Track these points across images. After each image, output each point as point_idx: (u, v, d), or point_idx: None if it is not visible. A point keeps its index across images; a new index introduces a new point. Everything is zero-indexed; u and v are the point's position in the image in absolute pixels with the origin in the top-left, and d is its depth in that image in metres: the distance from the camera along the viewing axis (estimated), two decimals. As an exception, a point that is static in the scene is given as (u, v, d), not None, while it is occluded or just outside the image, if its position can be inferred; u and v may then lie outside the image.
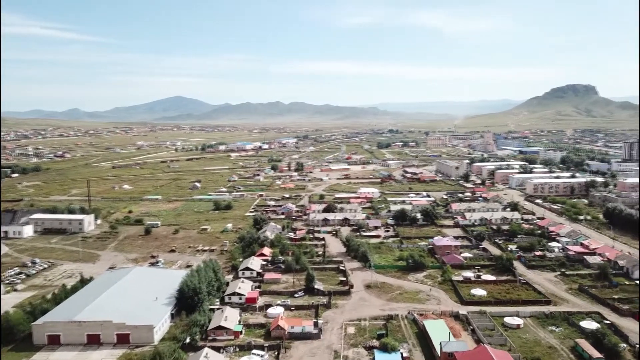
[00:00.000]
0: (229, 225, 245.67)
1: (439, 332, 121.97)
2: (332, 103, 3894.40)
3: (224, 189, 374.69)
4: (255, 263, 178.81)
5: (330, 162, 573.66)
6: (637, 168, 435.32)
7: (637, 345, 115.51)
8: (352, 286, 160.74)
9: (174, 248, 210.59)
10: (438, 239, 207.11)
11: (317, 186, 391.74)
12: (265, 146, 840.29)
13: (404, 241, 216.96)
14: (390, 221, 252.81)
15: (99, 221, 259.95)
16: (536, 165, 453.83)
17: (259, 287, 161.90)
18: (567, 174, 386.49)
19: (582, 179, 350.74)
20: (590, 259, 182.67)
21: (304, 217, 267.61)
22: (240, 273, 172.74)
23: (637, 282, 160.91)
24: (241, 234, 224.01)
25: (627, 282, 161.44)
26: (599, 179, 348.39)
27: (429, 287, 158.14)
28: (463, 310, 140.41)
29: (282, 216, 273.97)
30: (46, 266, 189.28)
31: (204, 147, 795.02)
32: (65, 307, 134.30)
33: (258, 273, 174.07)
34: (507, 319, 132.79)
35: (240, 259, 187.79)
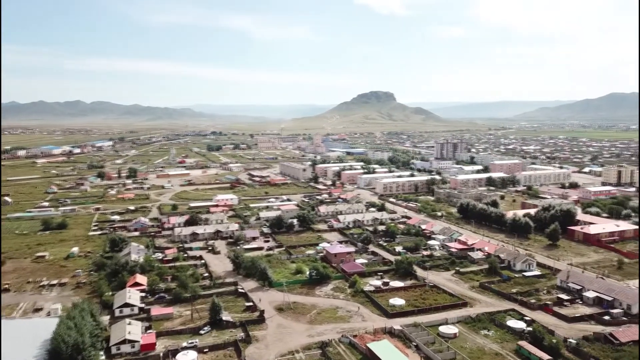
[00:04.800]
0: (75, 250, 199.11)
1: (389, 355, 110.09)
2: (143, 103, 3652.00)
3: (46, 204, 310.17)
4: (134, 296, 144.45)
5: (164, 167, 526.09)
6: (468, 167, 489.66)
7: (567, 339, 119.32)
8: (263, 312, 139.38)
9: (6, 286, 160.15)
10: (330, 246, 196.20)
11: (161, 195, 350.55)
12: (77, 150, 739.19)
13: (291, 251, 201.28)
14: (266, 230, 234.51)
15: None
16: (375, 166, 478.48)
17: (149, 327, 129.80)
18: (407, 173, 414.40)
19: (423, 177, 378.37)
20: (473, 255, 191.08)
21: (166, 233, 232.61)
22: (117, 311, 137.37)
23: (524, 274, 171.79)
24: (96, 260, 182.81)
25: (516, 275, 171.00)
26: (438, 177, 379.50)
27: (356, 306, 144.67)
28: (392, 324, 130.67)
29: (136, 233, 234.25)
30: None
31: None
32: None
33: (141, 309, 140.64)
34: (443, 329, 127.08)
35: (110, 293, 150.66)
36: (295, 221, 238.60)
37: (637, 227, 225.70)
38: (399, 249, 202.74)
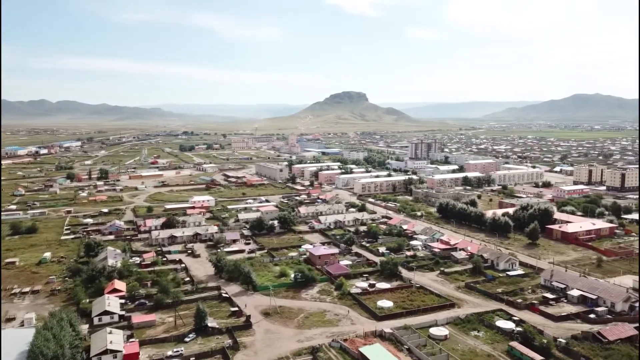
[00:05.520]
0: (47, 255, 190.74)
1: (382, 359, 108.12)
2: (111, 103, 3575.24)
3: (14, 207, 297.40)
4: (113, 303, 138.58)
5: (136, 168, 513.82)
6: (429, 166, 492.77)
7: (557, 339, 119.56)
8: (249, 317, 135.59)
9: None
10: (313, 248, 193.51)
11: (134, 197, 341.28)
12: (44, 151, 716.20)
13: (273, 253, 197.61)
14: (246, 232, 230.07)
15: None
16: (352, 166, 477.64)
17: (131, 336, 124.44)
18: (385, 173, 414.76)
19: (401, 177, 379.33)
20: (457, 255, 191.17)
21: (142, 236, 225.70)
22: (96, 320, 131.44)
23: (508, 273, 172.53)
24: (71, 266, 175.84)
25: (500, 275, 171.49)
26: (415, 177, 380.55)
27: (345, 309, 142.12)
28: (381, 326, 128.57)
29: (111, 236, 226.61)
30: None
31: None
32: None
33: (122, 316, 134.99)
34: (433, 330, 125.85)
35: (88, 300, 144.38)
36: (276, 223, 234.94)
37: (612, 225, 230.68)
38: (382, 249, 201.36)
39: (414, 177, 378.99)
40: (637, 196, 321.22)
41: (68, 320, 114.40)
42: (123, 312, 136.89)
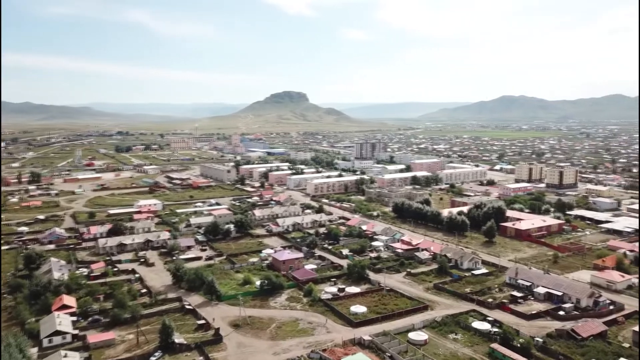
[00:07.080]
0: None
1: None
2: (35, 101, 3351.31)
3: None
4: (64, 321, 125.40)
5: (70, 170, 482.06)
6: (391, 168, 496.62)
7: (534, 338, 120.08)
8: (218, 330, 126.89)
9: None
10: (277, 253, 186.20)
11: (73, 201, 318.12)
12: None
13: (233, 259, 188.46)
14: (200, 237, 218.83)
15: None
16: (302, 166, 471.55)
17: (89, 358, 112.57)
18: (336, 173, 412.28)
19: (352, 177, 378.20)
20: (420, 255, 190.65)
21: (87, 245, 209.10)
22: (46, 341, 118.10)
23: (473, 272, 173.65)
24: (10, 280, 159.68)
25: (465, 275, 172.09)
26: (366, 177, 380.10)
27: (317, 317, 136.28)
28: (358, 333, 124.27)
29: (52, 246, 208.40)
30: None
31: None
32: None
33: (75, 336, 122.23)
34: (412, 335, 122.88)
35: (34, 319, 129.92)
36: (232, 227, 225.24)
37: (560, 221, 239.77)
38: (345, 251, 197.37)
39: (365, 177, 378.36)
40: (575, 193, 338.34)
41: (17, 345, 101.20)
42: (76, 331, 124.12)
